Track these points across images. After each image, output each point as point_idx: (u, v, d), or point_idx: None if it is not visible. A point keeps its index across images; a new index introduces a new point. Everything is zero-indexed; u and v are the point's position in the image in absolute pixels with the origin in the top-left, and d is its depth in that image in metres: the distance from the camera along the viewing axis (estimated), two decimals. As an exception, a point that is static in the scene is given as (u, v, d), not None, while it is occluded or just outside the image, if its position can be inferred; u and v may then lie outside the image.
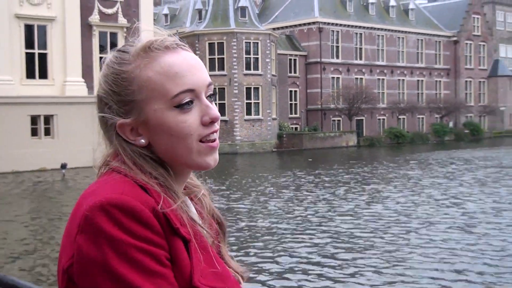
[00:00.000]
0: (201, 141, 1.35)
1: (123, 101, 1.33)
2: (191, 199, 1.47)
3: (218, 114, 1.38)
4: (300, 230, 16.65)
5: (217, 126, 1.39)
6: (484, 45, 72.44)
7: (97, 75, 35.96)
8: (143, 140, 1.35)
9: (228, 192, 24.81)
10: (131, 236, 1.19)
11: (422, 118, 64.59)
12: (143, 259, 1.20)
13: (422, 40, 66.77)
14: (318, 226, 17.25)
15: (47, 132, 33.90)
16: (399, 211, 19.55)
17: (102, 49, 36.80)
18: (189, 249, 1.29)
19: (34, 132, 33.42)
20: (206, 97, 1.37)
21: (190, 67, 1.35)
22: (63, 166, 31.43)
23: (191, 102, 1.34)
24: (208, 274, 1.31)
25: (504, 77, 72.56)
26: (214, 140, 1.39)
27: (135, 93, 1.33)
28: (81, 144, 34.21)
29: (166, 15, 58.81)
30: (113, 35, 37.30)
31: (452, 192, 24.00)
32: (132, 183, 1.27)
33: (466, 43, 70.46)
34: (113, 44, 37.23)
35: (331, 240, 15.08)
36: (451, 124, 66.08)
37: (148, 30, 1.47)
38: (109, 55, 1.39)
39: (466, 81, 70.47)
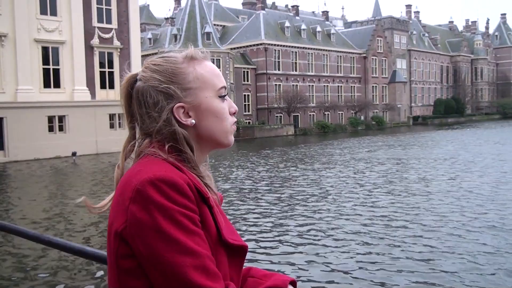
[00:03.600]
0: (231, 125, 1.38)
1: (183, 88, 1.31)
2: None
3: (236, 107, 1.41)
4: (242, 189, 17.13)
5: (235, 119, 1.41)
6: (385, 59, 72.74)
7: (98, 85, 35.88)
8: (193, 121, 1.32)
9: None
10: (174, 203, 1.19)
11: (342, 113, 64.48)
12: (183, 221, 1.19)
13: (340, 56, 66.64)
14: (256, 189, 17.72)
15: (61, 128, 33.27)
16: (317, 180, 20.05)
17: (102, 65, 36.47)
18: (213, 214, 1.29)
19: (51, 129, 32.79)
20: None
21: (219, 72, 1.40)
22: (74, 153, 31.20)
23: (225, 96, 1.37)
24: (228, 231, 1.31)
25: (400, 83, 72.99)
26: (235, 126, 1.41)
27: (191, 83, 1.32)
28: (86, 137, 34.15)
29: (150, 39, 57.83)
30: (110, 54, 36.76)
31: (360, 167, 24.75)
32: (169, 164, 1.25)
33: (372, 58, 70.59)
34: (110, 61, 36.86)
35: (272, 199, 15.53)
36: (362, 118, 66.31)
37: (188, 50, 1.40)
38: (150, 61, 1.36)
39: (373, 86, 70.69)
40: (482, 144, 36.06)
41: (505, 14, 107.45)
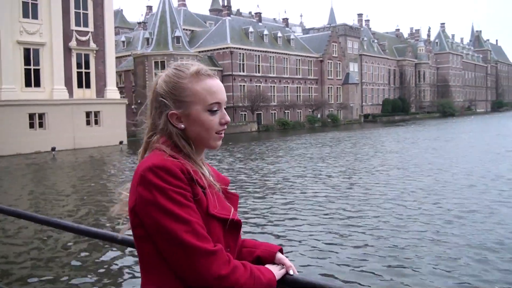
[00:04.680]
0: (216, 133, 1.51)
1: (178, 100, 1.46)
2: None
3: (229, 119, 1.54)
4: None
5: (225, 126, 1.53)
6: (339, 63, 73.11)
7: (75, 84, 35.33)
8: (182, 126, 1.48)
9: None
10: (168, 184, 1.35)
11: (300, 111, 64.90)
12: (177, 197, 1.35)
13: (299, 59, 66.85)
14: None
15: (41, 125, 32.69)
16: (280, 169, 20.57)
17: (79, 65, 35.95)
18: (205, 193, 1.43)
19: (31, 125, 32.23)
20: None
21: (219, 89, 1.50)
22: (53, 149, 30.78)
23: (217, 110, 1.49)
24: (218, 207, 1.45)
25: (352, 84, 73.46)
26: (222, 133, 1.53)
27: (186, 97, 1.46)
28: (65, 133, 33.69)
29: (123, 42, 57.08)
30: (86, 56, 36.32)
31: (321, 155, 25.35)
32: (168, 155, 1.41)
33: (328, 62, 70.94)
34: (86, 62, 36.38)
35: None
36: (319, 116, 66.75)
37: (193, 63, 1.54)
38: (169, 70, 1.52)
39: (328, 87, 71.05)
40: (422, 138, 37.42)
41: (444, 23, 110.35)
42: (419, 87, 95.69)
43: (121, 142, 37.65)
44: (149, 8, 68.33)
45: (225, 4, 63.76)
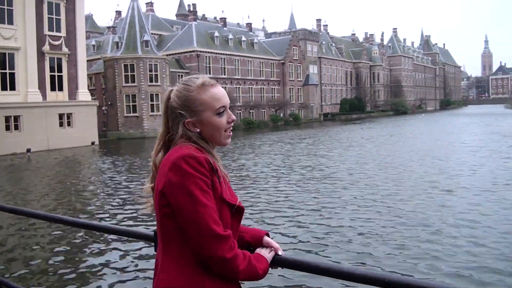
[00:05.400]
0: (225, 131, 1.68)
1: (191, 110, 1.63)
2: None
3: (234, 117, 1.70)
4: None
5: (232, 124, 1.71)
6: (300, 65, 73.76)
7: (48, 87, 35.05)
8: (198, 130, 1.64)
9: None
10: (195, 171, 1.49)
11: (264, 111, 65.42)
12: (200, 183, 1.48)
13: (262, 62, 67.35)
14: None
15: (16, 127, 32.35)
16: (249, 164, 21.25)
17: (52, 69, 35.74)
18: (220, 182, 1.58)
19: (7, 128, 31.88)
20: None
21: (223, 95, 1.68)
22: (28, 150, 30.62)
23: (223, 112, 1.66)
24: (229, 194, 1.60)
25: (312, 85, 74.24)
26: (231, 131, 1.71)
27: (197, 106, 1.62)
28: (39, 135, 33.47)
29: (93, 45, 56.23)
30: (59, 59, 36.09)
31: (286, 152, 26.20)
32: (195, 147, 1.57)
33: (289, 64, 71.51)
34: (59, 66, 36.19)
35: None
36: (281, 115, 67.45)
37: (200, 76, 1.72)
38: (178, 85, 1.69)
39: (290, 88, 71.65)
40: (376, 135, 39.02)
41: (396, 28, 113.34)
42: (374, 88, 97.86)
43: (93, 143, 37.67)
44: (118, 13, 67.66)
45: (191, 9, 63.97)
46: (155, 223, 1.66)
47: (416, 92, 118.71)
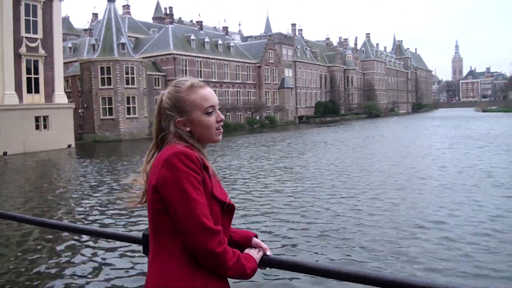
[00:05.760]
0: (216, 129, 1.73)
1: (181, 110, 1.69)
2: None
3: (223, 117, 1.75)
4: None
5: (221, 123, 1.75)
6: (275, 69, 74.43)
7: (25, 90, 34.95)
8: (188, 129, 1.69)
9: (122, 160, 25.58)
10: (187, 168, 1.55)
11: (240, 114, 65.75)
12: (192, 180, 1.54)
13: (239, 65, 67.77)
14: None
15: (-7, 130, 32.42)
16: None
17: (28, 71, 35.69)
18: (210, 179, 1.63)
19: (-15, 131, 31.89)
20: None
21: (211, 95, 1.72)
22: (5, 153, 30.35)
23: (212, 111, 1.71)
24: (218, 191, 1.65)
25: (287, 88, 75.05)
26: (221, 129, 1.75)
27: (186, 106, 1.68)
28: (15, 137, 33.28)
29: (70, 48, 55.88)
30: (36, 61, 36.09)
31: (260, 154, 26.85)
32: (186, 145, 1.64)
33: (265, 68, 72.12)
34: (36, 68, 36.14)
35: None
36: (257, 117, 67.91)
37: (187, 79, 1.75)
38: (169, 88, 1.74)
39: (266, 91, 72.17)
40: (350, 137, 40.17)
41: (369, 33, 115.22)
42: (348, 91, 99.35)
43: (69, 146, 37.65)
44: (95, 15, 67.39)
45: (168, 12, 64.21)
46: (134, 226, 2.01)
47: (389, 95, 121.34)
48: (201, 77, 60.69)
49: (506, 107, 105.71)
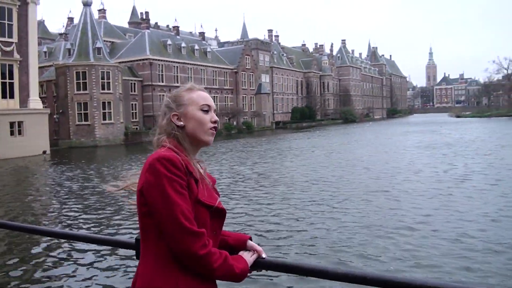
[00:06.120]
0: (209, 129, 1.77)
1: (178, 104, 1.77)
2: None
3: (218, 119, 1.80)
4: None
5: (216, 124, 1.79)
6: (252, 74, 75.07)
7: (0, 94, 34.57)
8: (182, 123, 1.74)
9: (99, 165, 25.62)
10: (170, 172, 1.57)
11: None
12: (174, 184, 1.57)
13: (216, 71, 68.16)
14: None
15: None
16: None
17: (3, 76, 35.30)
18: (197, 184, 1.65)
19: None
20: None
21: (209, 97, 1.81)
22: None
23: (207, 110, 1.77)
24: (206, 196, 1.66)
25: (264, 94, 75.83)
26: (214, 131, 1.79)
27: (184, 101, 1.77)
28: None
29: (45, 52, 55.25)
30: (10, 66, 35.71)
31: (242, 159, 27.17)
32: (172, 150, 1.66)
33: (242, 73, 72.67)
34: (10, 72, 35.81)
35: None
36: (235, 123, 68.35)
37: (186, 85, 1.85)
38: (173, 92, 1.84)
39: (243, 96, 72.70)
40: (325, 143, 40.91)
41: (345, 40, 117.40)
42: (324, 97, 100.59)
43: (44, 152, 37.20)
44: (71, 19, 66.96)
45: (144, 17, 64.40)
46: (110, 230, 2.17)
47: (364, 101, 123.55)
48: (177, 82, 60.96)
49: (479, 113, 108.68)
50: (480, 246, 8.60)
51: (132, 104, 56.66)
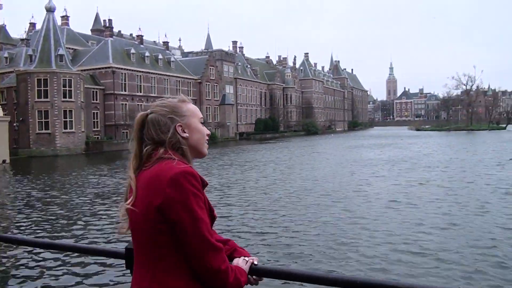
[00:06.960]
0: (205, 141, 1.80)
1: (180, 114, 1.74)
2: None
3: (209, 132, 1.82)
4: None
5: (208, 138, 1.80)
6: (216, 85, 75.56)
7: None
8: (187, 134, 1.72)
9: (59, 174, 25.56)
10: (194, 188, 1.57)
11: None
12: (198, 200, 1.57)
13: (179, 81, 68.53)
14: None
15: None
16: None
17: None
18: (205, 196, 1.66)
19: None
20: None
21: (198, 110, 1.83)
22: None
23: (203, 123, 1.80)
24: (212, 207, 1.70)
25: (228, 105, 76.62)
26: (207, 142, 1.82)
27: (185, 112, 1.75)
28: None
29: (6, 58, 54.23)
30: (-29, 73, 35.61)
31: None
32: (183, 163, 1.63)
33: (206, 84, 73.34)
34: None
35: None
36: None
37: (175, 97, 1.84)
38: (157, 103, 1.80)
39: (207, 107, 72.90)
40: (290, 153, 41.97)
41: (307, 53, 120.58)
42: (287, 108, 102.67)
43: (4, 161, 36.89)
44: (33, 25, 65.95)
45: (107, 25, 64.50)
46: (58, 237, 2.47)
47: (326, 113, 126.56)
48: (140, 92, 61.37)
49: (438, 127, 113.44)
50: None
51: (94, 113, 56.29)
